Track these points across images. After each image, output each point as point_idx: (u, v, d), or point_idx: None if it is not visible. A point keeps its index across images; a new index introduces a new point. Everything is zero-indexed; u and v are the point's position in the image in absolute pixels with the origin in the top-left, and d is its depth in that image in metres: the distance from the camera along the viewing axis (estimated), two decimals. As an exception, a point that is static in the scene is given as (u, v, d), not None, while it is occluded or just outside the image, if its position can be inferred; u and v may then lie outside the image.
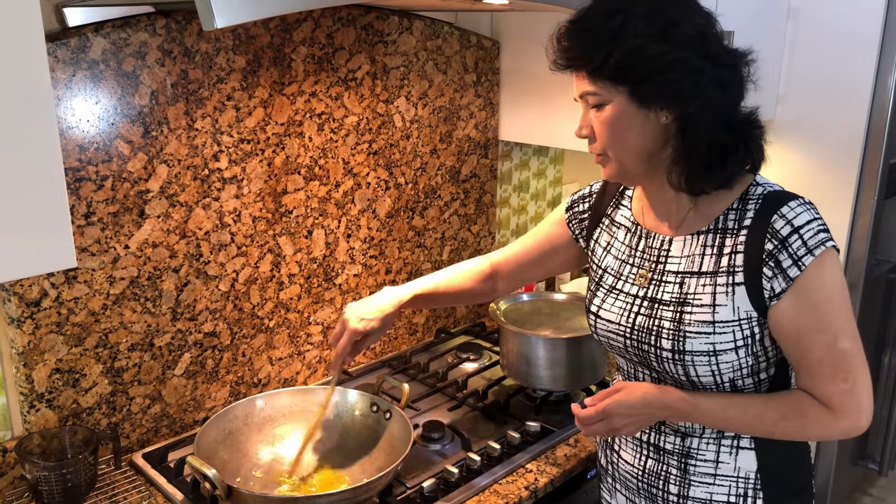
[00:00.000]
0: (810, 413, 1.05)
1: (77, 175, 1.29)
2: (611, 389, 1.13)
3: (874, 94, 2.09)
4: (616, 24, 1.00)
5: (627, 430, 1.12)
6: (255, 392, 1.64)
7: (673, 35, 0.99)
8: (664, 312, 1.10)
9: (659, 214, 1.16)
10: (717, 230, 1.09)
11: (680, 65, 0.99)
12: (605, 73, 1.02)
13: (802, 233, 1.02)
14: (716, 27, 1.04)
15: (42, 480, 1.23)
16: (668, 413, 1.11)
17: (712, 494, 1.15)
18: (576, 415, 1.14)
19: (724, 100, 1.02)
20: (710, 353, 1.07)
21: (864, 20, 2.04)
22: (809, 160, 2.21)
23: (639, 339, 1.13)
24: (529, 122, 1.99)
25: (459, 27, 1.89)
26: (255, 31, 1.48)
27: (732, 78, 1.03)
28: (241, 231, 1.55)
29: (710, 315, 1.06)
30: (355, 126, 1.70)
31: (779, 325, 1.04)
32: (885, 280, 2.46)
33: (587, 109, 1.08)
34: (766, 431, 1.08)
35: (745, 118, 1.06)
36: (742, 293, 1.05)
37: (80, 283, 1.34)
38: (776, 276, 1.02)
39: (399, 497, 1.31)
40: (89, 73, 1.28)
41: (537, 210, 2.30)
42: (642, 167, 1.09)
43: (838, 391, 1.03)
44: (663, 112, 1.03)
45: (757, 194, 1.08)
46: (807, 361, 1.04)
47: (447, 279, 1.44)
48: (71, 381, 1.36)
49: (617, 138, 1.06)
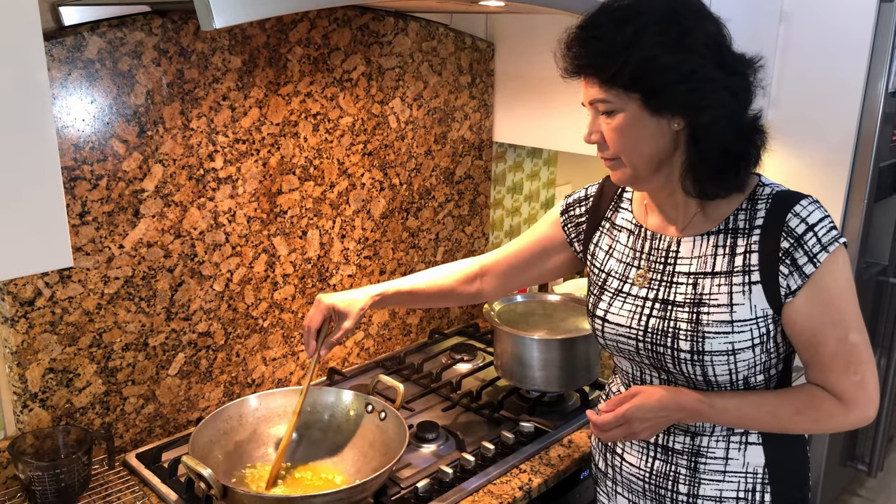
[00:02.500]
0: (823, 406, 1.07)
1: (72, 174, 1.29)
2: (626, 394, 1.13)
3: (864, 98, 2.11)
4: (629, 32, 0.99)
5: (645, 433, 1.12)
6: (249, 392, 1.64)
7: (688, 44, 0.99)
8: (679, 314, 1.11)
9: (665, 216, 1.17)
10: (728, 230, 1.10)
11: (695, 74, 0.99)
12: (618, 82, 1.01)
13: (817, 230, 1.04)
14: (726, 33, 1.04)
15: (35, 480, 1.23)
16: (685, 414, 1.11)
17: (722, 491, 1.16)
18: (592, 421, 1.13)
19: (737, 107, 1.03)
20: (729, 352, 1.08)
21: (855, 24, 2.06)
22: (800, 162, 2.23)
23: (653, 341, 1.13)
24: (523, 123, 2.00)
25: (454, 29, 1.90)
26: (251, 31, 1.48)
27: (743, 85, 1.04)
28: (236, 231, 1.55)
29: (728, 314, 1.07)
30: (350, 127, 1.71)
31: (793, 322, 1.06)
32: (874, 282, 2.49)
33: (596, 116, 1.08)
34: (781, 427, 1.10)
35: (752, 122, 1.07)
36: (759, 292, 1.06)
37: (75, 282, 1.33)
38: (792, 274, 1.04)
39: (393, 497, 1.31)
40: (85, 72, 1.27)
41: (531, 211, 2.31)
42: (653, 172, 1.09)
43: (850, 384, 1.05)
44: (675, 119, 1.03)
45: (766, 194, 1.09)
46: (820, 356, 1.06)
47: (427, 279, 1.43)
48: (64, 381, 1.36)
49: (629, 145, 1.06)
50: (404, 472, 1.38)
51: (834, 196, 2.21)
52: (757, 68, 1.06)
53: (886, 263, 2.51)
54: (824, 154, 2.19)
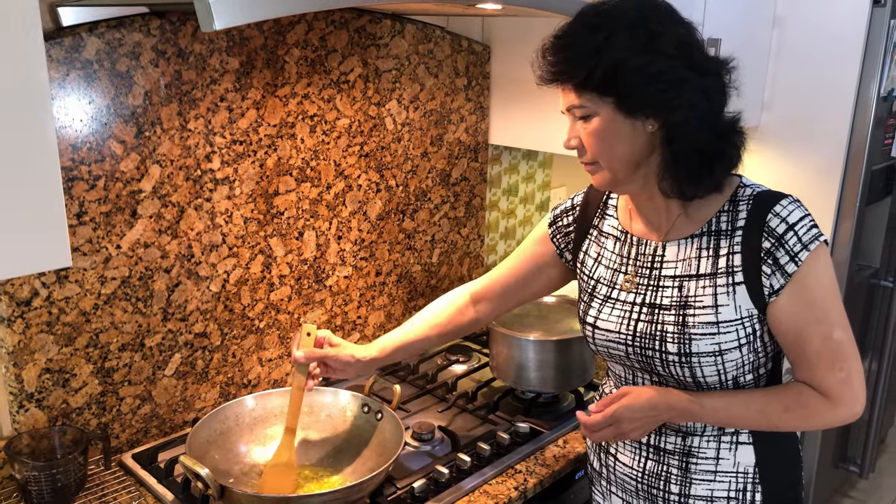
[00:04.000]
0: (811, 404, 1.08)
1: (70, 174, 1.29)
2: (616, 395, 1.14)
3: (857, 101, 2.13)
4: (600, 38, 1.02)
5: (635, 433, 1.13)
6: (245, 393, 1.64)
7: (656, 46, 1.01)
8: (666, 317, 1.12)
9: (648, 221, 1.18)
10: (711, 233, 1.11)
11: (664, 75, 1.01)
12: (590, 86, 1.04)
13: (797, 229, 1.05)
14: (697, 36, 1.06)
15: (31, 481, 1.23)
16: (674, 414, 1.12)
17: (713, 491, 1.17)
18: (582, 422, 1.14)
19: (709, 107, 1.04)
20: (716, 353, 1.09)
21: (847, 28, 2.08)
22: (793, 166, 2.24)
23: (642, 345, 1.14)
24: (519, 126, 2.00)
25: (451, 31, 1.91)
26: (248, 32, 1.48)
27: (715, 85, 1.05)
28: (233, 232, 1.55)
29: (713, 316, 1.08)
30: (347, 128, 1.71)
31: (778, 321, 1.07)
32: (866, 285, 2.50)
33: (574, 121, 1.10)
34: (771, 425, 1.11)
35: (729, 124, 1.08)
36: (743, 292, 1.07)
37: (72, 282, 1.33)
38: (774, 274, 1.05)
39: (390, 497, 1.32)
40: (83, 72, 1.28)
41: (526, 214, 2.32)
42: (632, 175, 1.11)
43: (836, 381, 1.07)
44: (649, 121, 1.05)
45: (746, 195, 1.10)
46: (805, 354, 1.08)
47: (420, 328, 1.38)
48: (61, 381, 1.36)
49: (605, 148, 1.08)
50: (400, 473, 1.38)
51: (826, 199, 2.22)
52: (729, 69, 1.07)
53: (878, 266, 2.53)
54: (817, 157, 2.20)
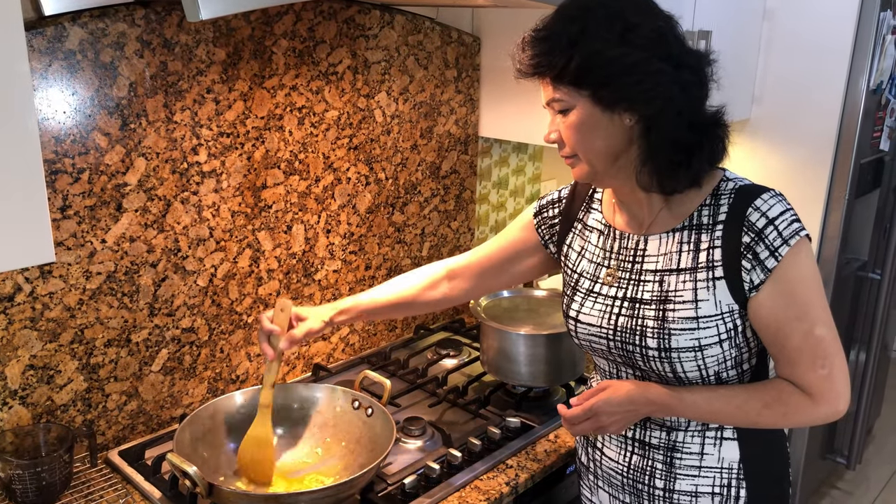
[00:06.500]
0: (791, 401, 1.07)
1: (53, 167, 1.27)
2: (595, 388, 1.14)
3: (846, 95, 2.14)
4: (576, 30, 1.01)
5: (614, 427, 1.13)
6: (233, 388, 1.62)
7: (631, 38, 1.01)
8: (646, 311, 1.11)
9: (631, 215, 1.17)
10: (692, 227, 1.11)
11: (640, 67, 1.01)
12: (566, 78, 1.03)
13: (777, 223, 1.04)
14: (676, 29, 1.05)
15: (15, 479, 1.21)
16: (654, 408, 1.12)
17: (697, 486, 1.16)
18: (562, 415, 1.14)
19: (686, 100, 1.04)
20: (695, 348, 1.08)
21: (837, 22, 2.08)
22: (783, 159, 2.25)
23: (622, 339, 1.14)
24: (509, 118, 1.99)
25: (441, 23, 1.89)
26: (235, 23, 1.46)
27: (693, 78, 1.04)
28: (220, 226, 1.53)
29: (693, 311, 1.08)
30: (336, 120, 1.69)
31: (758, 316, 1.07)
32: (854, 277, 2.52)
33: (554, 115, 1.10)
34: (751, 421, 1.10)
35: (710, 117, 1.08)
36: (723, 287, 1.07)
37: (56, 277, 1.31)
38: (754, 268, 1.05)
39: (380, 493, 1.31)
40: (66, 63, 1.25)
41: (516, 206, 2.31)
42: (611, 168, 1.10)
43: (817, 378, 1.05)
44: (626, 114, 1.04)
45: (729, 189, 1.09)
46: (786, 350, 1.07)
47: (387, 291, 1.41)
48: (45, 378, 1.34)
49: (584, 141, 1.08)
50: (391, 469, 1.38)
51: (815, 192, 2.23)
52: (710, 62, 1.07)
53: (866, 258, 2.54)
54: (806, 150, 2.21)
